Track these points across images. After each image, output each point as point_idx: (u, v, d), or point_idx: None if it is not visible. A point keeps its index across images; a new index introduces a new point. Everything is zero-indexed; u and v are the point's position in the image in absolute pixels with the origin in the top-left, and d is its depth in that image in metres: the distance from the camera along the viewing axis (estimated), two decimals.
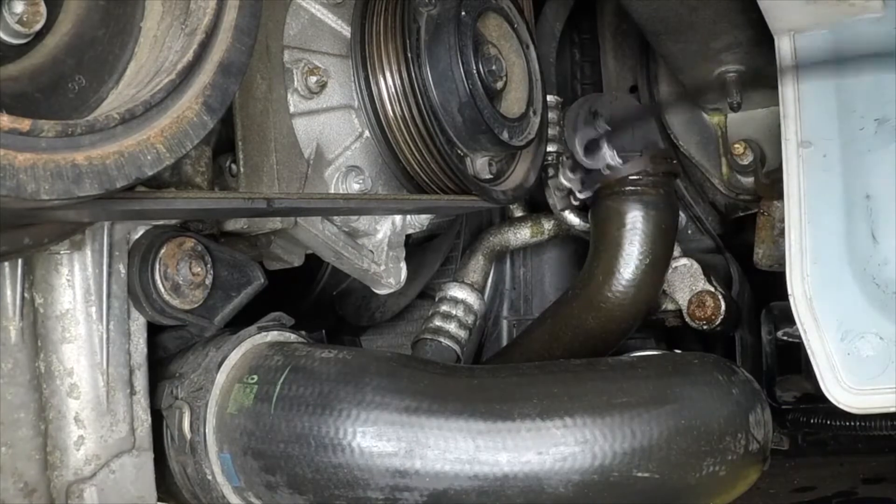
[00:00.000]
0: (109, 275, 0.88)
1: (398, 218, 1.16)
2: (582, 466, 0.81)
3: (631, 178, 1.30)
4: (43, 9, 0.69)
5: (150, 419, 0.93)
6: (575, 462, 0.81)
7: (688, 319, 1.40)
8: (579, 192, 1.32)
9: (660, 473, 0.82)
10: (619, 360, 1.01)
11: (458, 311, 1.42)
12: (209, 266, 0.95)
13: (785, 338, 1.44)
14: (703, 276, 1.39)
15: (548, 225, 1.50)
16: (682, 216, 1.47)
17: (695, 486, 0.84)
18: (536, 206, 1.55)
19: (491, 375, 0.91)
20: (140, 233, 0.91)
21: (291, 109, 1.03)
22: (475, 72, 1.07)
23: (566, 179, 1.31)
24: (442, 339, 1.39)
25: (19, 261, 0.83)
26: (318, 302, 1.57)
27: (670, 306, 1.42)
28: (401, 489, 0.83)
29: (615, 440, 0.81)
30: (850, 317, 1.02)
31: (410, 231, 1.21)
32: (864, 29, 1.05)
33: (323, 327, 1.06)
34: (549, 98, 1.34)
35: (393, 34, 1.06)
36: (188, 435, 0.92)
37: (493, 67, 1.10)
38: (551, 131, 1.36)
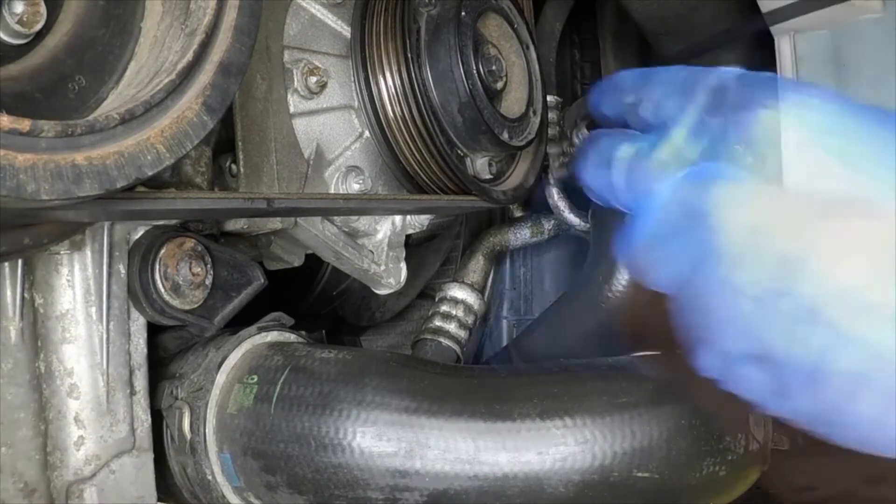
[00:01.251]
0: (109, 275, 0.88)
1: (398, 218, 1.16)
2: (582, 466, 0.81)
3: None
4: (43, 9, 0.68)
5: (150, 419, 0.93)
6: (575, 462, 0.81)
7: None
8: None
9: (660, 473, 0.82)
10: (619, 359, 1.01)
11: (458, 312, 1.42)
12: (209, 266, 0.95)
13: None
14: None
15: (548, 225, 1.50)
16: None
17: (695, 486, 0.84)
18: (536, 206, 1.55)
19: (491, 375, 0.91)
20: (140, 233, 0.91)
21: (291, 109, 1.03)
22: (475, 72, 1.07)
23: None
24: (442, 339, 1.39)
25: (19, 261, 0.83)
26: (317, 302, 1.57)
27: None
28: (401, 489, 0.83)
29: (615, 440, 0.81)
30: None
31: (410, 231, 1.21)
32: (864, 29, 1.05)
33: (323, 327, 1.07)
34: (550, 98, 1.34)
35: (393, 34, 1.06)
36: (188, 435, 0.92)
37: (494, 68, 1.10)
38: (551, 131, 1.36)
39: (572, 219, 1.43)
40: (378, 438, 0.82)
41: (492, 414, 0.83)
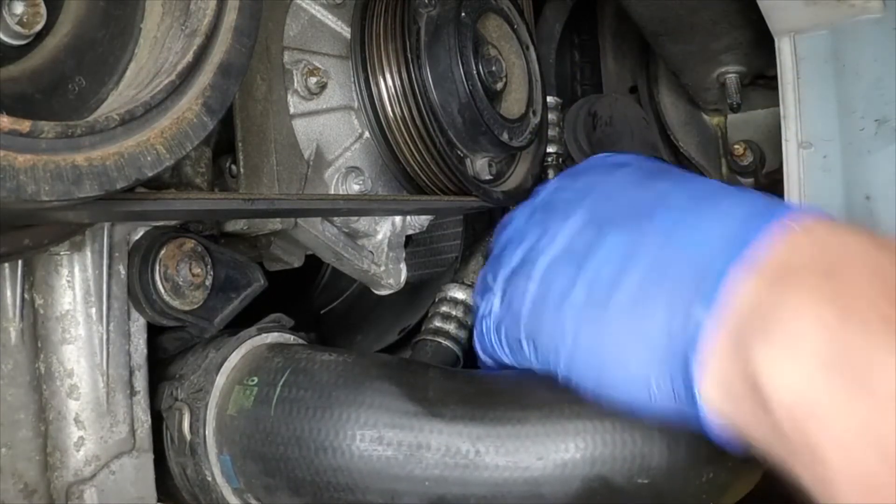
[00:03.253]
0: (109, 276, 0.88)
1: (398, 219, 1.16)
2: (582, 473, 0.81)
3: None
4: (43, 10, 0.68)
5: (150, 420, 0.93)
6: (575, 468, 0.81)
7: None
8: None
9: (660, 480, 0.81)
10: None
11: (458, 312, 1.42)
12: (209, 267, 0.95)
13: None
14: None
15: None
16: None
17: (694, 492, 0.83)
18: None
19: (491, 379, 0.91)
20: (140, 234, 0.91)
21: (291, 110, 1.03)
22: (475, 73, 1.07)
23: None
24: (442, 340, 1.39)
25: (19, 262, 0.83)
26: (317, 302, 1.57)
27: None
28: (400, 493, 0.82)
29: (616, 447, 0.81)
30: None
31: (410, 232, 1.21)
32: (864, 29, 1.05)
33: (322, 328, 1.07)
34: (549, 99, 1.34)
35: (393, 35, 1.06)
36: (188, 436, 0.92)
37: (493, 68, 1.10)
38: (551, 132, 1.36)
39: None
40: (378, 442, 0.82)
41: (492, 418, 0.82)
